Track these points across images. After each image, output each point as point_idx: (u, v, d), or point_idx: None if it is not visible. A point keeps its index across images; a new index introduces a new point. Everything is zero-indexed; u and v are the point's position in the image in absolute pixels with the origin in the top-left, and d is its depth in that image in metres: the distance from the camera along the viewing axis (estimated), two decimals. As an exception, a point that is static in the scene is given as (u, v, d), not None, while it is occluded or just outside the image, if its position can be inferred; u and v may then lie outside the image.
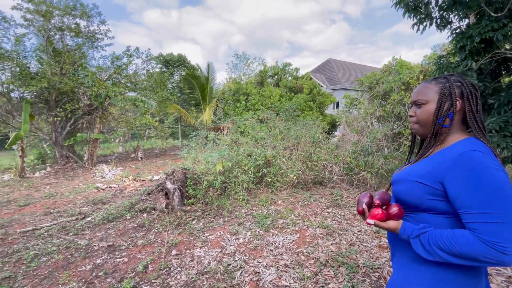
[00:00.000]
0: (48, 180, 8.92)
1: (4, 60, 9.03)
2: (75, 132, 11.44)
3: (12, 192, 7.34)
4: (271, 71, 19.50)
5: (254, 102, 15.21)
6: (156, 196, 4.93)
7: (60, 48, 10.79)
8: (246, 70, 38.84)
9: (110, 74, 11.64)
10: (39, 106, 10.65)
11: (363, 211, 1.19)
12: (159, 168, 10.49)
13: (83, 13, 10.71)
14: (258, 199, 5.47)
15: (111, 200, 5.84)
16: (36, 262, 3.13)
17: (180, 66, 18.79)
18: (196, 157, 6.76)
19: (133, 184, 7.35)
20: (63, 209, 5.30)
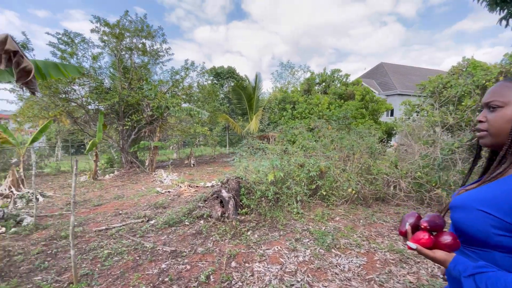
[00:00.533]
0: (116, 182, 9.98)
1: (84, 77, 10.56)
2: (139, 140, 12.68)
3: (87, 192, 8.38)
4: (319, 78, 19.00)
5: (301, 110, 14.92)
6: (212, 204, 5.04)
7: (129, 65, 12.22)
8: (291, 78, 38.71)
9: (169, 87, 12.71)
10: (110, 116, 12.11)
11: (405, 232, 0.98)
12: (210, 175, 10.89)
13: (148, 34, 11.98)
14: (313, 213, 5.18)
15: (170, 204, 6.18)
16: (109, 261, 3.40)
17: (229, 78, 19.61)
18: (247, 166, 6.79)
19: (189, 189, 7.72)
20: (130, 211, 5.78)
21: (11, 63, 2.19)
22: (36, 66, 3.17)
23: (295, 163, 6.30)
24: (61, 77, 3.41)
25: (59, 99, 10.22)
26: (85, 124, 12.09)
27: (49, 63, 3.34)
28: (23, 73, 2.21)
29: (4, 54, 2.08)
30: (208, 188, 7.97)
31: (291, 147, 7.96)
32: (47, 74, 3.26)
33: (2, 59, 2.17)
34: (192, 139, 18.97)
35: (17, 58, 2.16)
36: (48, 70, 3.28)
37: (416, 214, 1.03)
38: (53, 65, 3.35)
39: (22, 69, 2.20)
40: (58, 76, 3.39)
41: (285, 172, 5.84)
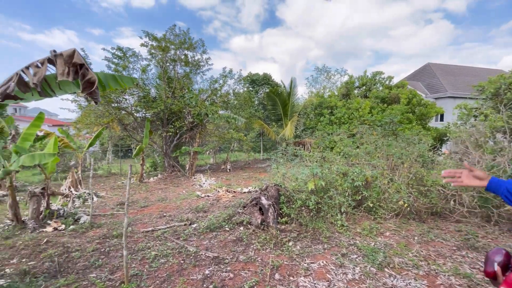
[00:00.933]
0: (159, 185, 10.57)
1: (134, 87, 11.49)
2: (180, 145, 13.33)
3: (134, 194, 8.98)
4: (358, 82, 18.14)
5: (340, 115, 14.32)
6: (251, 211, 4.99)
7: (172, 76, 13.03)
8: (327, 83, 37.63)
9: (208, 95, 13.23)
10: (156, 123, 12.97)
11: (494, 273, 0.82)
12: (246, 180, 10.94)
13: (190, 46, 12.65)
14: (359, 226, 4.81)
15: (210, 209, 6.30)
16: (156, 263, 3.51)
17: (264, 84, 19.75)
18: (285, 173, 6.63)
19: (226, 194, 7.82)
20: (173, 213, 6.02)
21: (78, 75, 2.41)
22: (98, 79, 3.49)
23: (336, 171, 5.98)
24: (118, 88, 3.70)
25: (112, 108, 11.25)
26: (133, 131, 13.13)
27: (109, 75, 3.65)
28: (88, 84, 2.41)
29: (72, 67, 2.30)
30: (246, 193, 7.98)
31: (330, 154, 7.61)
32: (106, 85, 3.57)
33: (70, 71, 2.40)
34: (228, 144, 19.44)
35: (83, 70, 2.37)
36: (107, 82, 3.59)
37: (504, 250, 0.85)
38: (111, 77, 3.66)
39: (87, 81, 2.41)
40: (116, 86, 3.68)
41: (327, 181, 5.56)
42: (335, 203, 5.06)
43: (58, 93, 3.04)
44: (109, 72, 3.58)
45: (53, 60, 2.36)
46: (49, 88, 2.79)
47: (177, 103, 11.50)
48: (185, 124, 12.06)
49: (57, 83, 2.83)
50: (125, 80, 3.76)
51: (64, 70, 2.37)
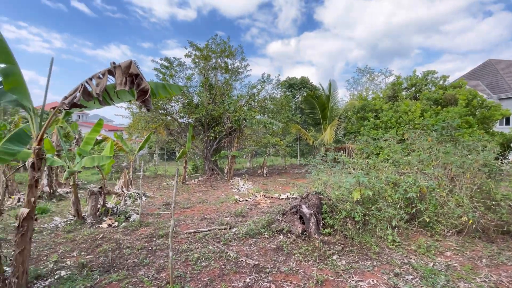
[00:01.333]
0: (200, 187, 10.99)
1: (179, 95, 12.21)
2: (219, 149, 13.74)
3: (178, 195, 9.45)
4: (407, 82, 16.70)
5: (386, 119, 13.31)
6: (291, 219, 4.83)
7: (213, 83, 13.57)
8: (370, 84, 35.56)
9: (246, 101, 13.46)
10: (197, 128, 13.59)
11: None
12: (284, 186, 10.75)
13: (230, 53, 13.05)
14: (413, 243, 4.32)
15: (248, 214, 6.29)
16: (199, 266, 3.57)
17: (302, 88, 19.41)
18: (327, 181, 6.32)
19: (264, 200, 7.75)
20: (213, 216, 6.14)
21: (133, 84, 2.58)
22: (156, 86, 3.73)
23: (386, 180, 5.49)
24: (167, 96, 3.91)
25: (159, 114, 12.11)
26: (177, 135, 13.94)
27: (159, 84, 3.88)
28: (142, 93, 2.57)
29: (128, 77, 2.47)
30: (284, 200, 7.82)
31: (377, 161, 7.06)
32: (157, 93, 3.79)
33: (127, 81, 2.57)
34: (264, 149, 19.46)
35: (138, 80, 2.54)
36: (158, 90, 3.81)
37: None
38: (162, 86, 3.89)
39: (141, 90, 2.56)
40: (165, 94, 3.90)
41: (374, 191, 5.13)
42: (384, 216, 4.63)
43: (116, 102, 3.31)
44: (159, 81, 3.77)
45: (112, 71, 2.57)
46: (108, 97, 3.05)
47: (217, 109, 11.90)
48: (224, 129, 12.40)
49: (115, 92, 3.08)
50: (173, 88, 3.96)
51: (122, 80, 2.56)
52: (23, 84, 2.63)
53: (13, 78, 2.46)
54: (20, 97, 2.67)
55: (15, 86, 2.51)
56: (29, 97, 2.73)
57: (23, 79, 2.64)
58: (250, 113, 11.64)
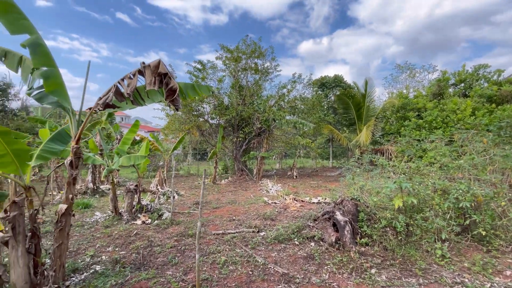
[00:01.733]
0: (229, 188, 11.06)
1: (211, 97, 12.46)
2: (248, 150, 13.74)
3: (208, 194, 9.59)
4: (454, 78, 15.07)
5: (430, 118, 12.10)
6: (323, 225, 4.52)
7: (243, 84, 13.61)
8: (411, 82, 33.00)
9: (276, 101, 13.27)
10: (228, 129, 13.75)
11: None
12: (315, 189, 10.32)
13: (260, 54, 12.97)
14: (466, 259, 3.75)
15: (277, 217, 6.08)
16: (225, 270, 3.47)
17: (335, 87, 18.61)
18: (364, 186, 5.84)
19: (294, 203, 7.47)
20: (242, 218, 6.06)
21: (162, 84, 2.56)
22: (179, 87, 3.74)
23: (433, 187, 4.90)
24: (196, 96, 3.91)
25: (192, 116, 12.47)
26: (208, 136, 14.26)
27: (188, 84, 3.90)
28: (170, 92, 2.54)
29: (157, 77, 2.45)
30: (315, 204, 7.45)
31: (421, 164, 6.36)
32: (186, 94, 3.80)
33: (156, 81, 2.57)
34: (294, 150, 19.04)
35: (166, 79, 2.51)
36: (187, 91, 3.83)
37: None
38: (191, 86, 3.89)
39: (169, 89, 2.54)
40: (194, 95, 3.90)
41: (420, 199, 4.59)
42: (432, 227, 4.10)
43: (147, 102, 3.36)
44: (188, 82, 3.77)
45: (142, 71, 2.58)
46: (139, 97, 3.10)
47: (247, 109, 11.89)
48: (253, 130, 12.34)
49: (146, 92, 3.11)
50: (202, 89, 3.94)
51: (151, 80, 2.56)
52: (62, 86, 2.77)
53: (53, 80, 2.60)
54: (61, 99, 2.81)
55: (55, 88, 2.64)
56: (68, 98, 2.87)
57: (62, 82, 2.77)
58: (280, 113, 11.41)
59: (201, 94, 3.91)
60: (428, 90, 15.29)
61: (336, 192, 7.55)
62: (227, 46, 12.46)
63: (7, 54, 3.02)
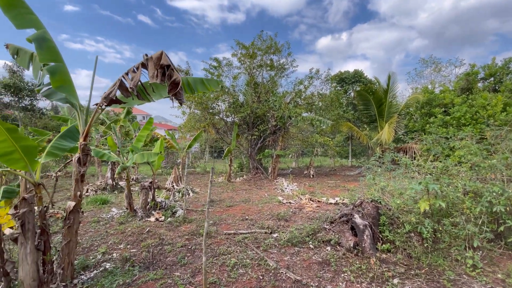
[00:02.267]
0: (244, 186, 10.95)
1: (226, 94, 12.39)
2: (263, 148, 13.54)
3: (222, 192, 9.53)
4: (484, 72, 13.89)
5: (458, 115, 11.23)
6: (340, 229, 4.25)
7: (258, 81, 13.41)
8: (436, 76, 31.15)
9: (292, 98, 12.95)
10: (242, 127, 13.64)
11: None
12: (333, 189, 9.94)
13: (276, 49, 12.69)
14: (500, 269, 3.34)
15: (291, 218, 5.86)
16: (235, 273, 3.32)
17: (355, 83, 17.87)
18: (385, 186, 5.45)
19: (310, 204, 7.20)
20: (255, 218, 5.89)
21: (165, 76, 2.43)
22: (187, 82, 3.63)
23: (463, 188, 4.45)
24: (205, 91, 3.77)
25: (207, 113, 12.47)
26: (224, 134, 14.23)
27: (197, 79, 3.77)
28: (173, 85, 2.41)
29: (159, 69, 2.33)
30: (332, 205, 7.13)
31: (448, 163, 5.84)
32: (195, 89, 3.68)
33: (158, 73, 2.44)
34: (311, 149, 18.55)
35: (169, 71, 2.38)
36: (196, 85, 3.70)
37: None
38: (199, 81, 3.76)
39: (172, 82, 2.40)
40: (203, 90, 3.77)
41: (448, 201, 4.18)
42: (462, 234, 3.69)
43: (155, 97, 3.27)
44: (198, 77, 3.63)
45: (145, 64, 2.46)
46: (145, 92, 3.00)
47: (262, 107, 11.68)
48: (268, 128, 12.12)
49: (151, 87, 3.02)
50: (211, 83, 3.79)
51: (154, 73, 2.44)
52: (70, 82, 2.73)
53: (59, 76, 2.55)
54: (68, 95, 2.78)
55: (62, 84, 2.60)
56: (75, 94, 2.83)
57: (70, 78, 2.73)
58: (295, 111, 11.09)
59: (211, 88, 3.78)
60: (455, 85, 14.24)
61: (355, 192, 7.17)
62: (242, 42, 12.31)
63: (19, 52, 3.04)
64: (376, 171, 6.16)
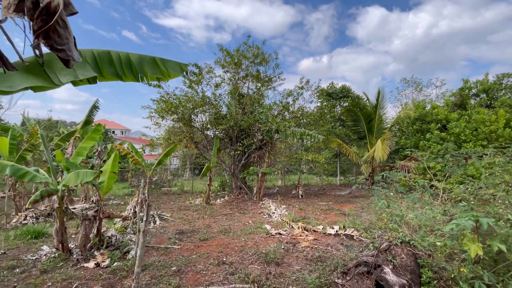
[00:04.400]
0: (225, 209, 9.36)
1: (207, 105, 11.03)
2: (248, 165, 12.13)
3: (198, 219, 7.88)
4: (476, 88, 13.67)
5: (457, 130, 10.54)
6: (359, 284, 2.88)
7: (243, 92, 12.25)
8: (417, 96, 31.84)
9: (279, 111, 11.84)
10: (225, 141, 12.23)
11: None
12: (326, 214, 8.62)
13: (263, 60, 11.68)
14: None
15: (284, 259, 4.42)
16: None
17: (343, 98, 17.28)
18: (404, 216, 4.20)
19: (305, 235, 5.80)
20: (235, 260, 4.40)
21: (32, 4, 1.08)
22: (128, 60, 2.27)
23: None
24: (159, 76, 2.43)
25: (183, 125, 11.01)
26: (203, 149, 12.70)
27: (146, 57, 2.44)
28: (42, 19, 1.06)
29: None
30: (332, 237, 5.76)
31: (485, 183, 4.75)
32: (140, 71, 2.33)
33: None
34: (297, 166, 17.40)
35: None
36: (142, 66, 2.35)
37: None
38: (149, 61, 2.43)
39: (42, 11, 1.05)
40: (155, 74, 2.43)
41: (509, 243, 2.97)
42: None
43: (55, 79, 1.86)
44: (146, 54, 2.25)
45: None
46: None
47: (247, 119, 10.43)
48: (254, 142, 10.80)
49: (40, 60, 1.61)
50: (169, 65, 2.46)
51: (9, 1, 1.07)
52: None
53: None
54: None
55: None
56: None
57: None
58: (284, 123, 9.92)
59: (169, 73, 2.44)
60: (447, 101, 13.87)
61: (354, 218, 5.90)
62: (227, 48, 11.23)
63: None
64: (388, 194, 4.95)
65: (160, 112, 10.26)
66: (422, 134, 12.74)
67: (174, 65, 2.49)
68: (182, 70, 2.57)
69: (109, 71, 2.13)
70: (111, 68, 2.15)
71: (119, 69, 2.17)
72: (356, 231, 5.67)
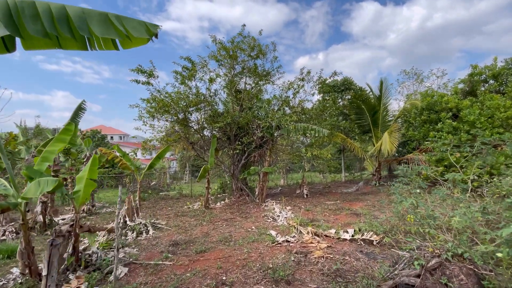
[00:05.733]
0: (225, 214, 8.63)
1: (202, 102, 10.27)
2: (248, 165, 11.38)
3: (195, 226, 7.15)
4: (487, 73, 12.93)
5: (473, 118, 9.79)
6: (401, 316, 2.14)
7: (240, 87, 11.50)
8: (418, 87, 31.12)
9: (279, 106, 11.10)
10: (222, 140, 11.48)
11: None
12: (336, 214, 7.89)
13: (260, 52, 10.91)
14: None
15: (295, 274, 3.68)
16: None
17: (345, 91, 16.52)
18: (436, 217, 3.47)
19: (316, 241, 5.06)
20: (237, 278, 3.66)
21: None
22: (64, 14, 1.54)
23: None
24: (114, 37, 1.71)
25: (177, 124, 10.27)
26: (200, 150, 11.95)
27: (93, 12, 1.72)
28: None
29: None
30: (347, 243, 5.02)
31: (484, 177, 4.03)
32: (84, 30, 1.60)
33: None
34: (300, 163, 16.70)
35: None
36: (87, 24, 1.63)
37: None
38: (98, 17, 1.70)
39: None
40: (109, 35, 1.71)
41: None
42: None
43: None
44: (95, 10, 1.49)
45: None
46: None
47: (245, 115, 9.69)
48: (253, 140, 10.06)
49: None
50: (129, 24, 1.72)
51: None
52: None
53: None
54: None
55: None
56: None
57: None
58: (285, 118, 9.18)
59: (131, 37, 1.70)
60: (455, 89, 13.14)
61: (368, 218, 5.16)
62: (221, 40, 10.47)
63: None
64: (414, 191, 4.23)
65: (150, 112, 9.50)
66: (431, 124, 12.01)
67: (136, 25, 1.76)
68: (149, 32, 1.83)
69: (31, 28, 1.40)
70: (36, 25, 1.41)
71: (49, 26, 1.43)
72: (375, 235, 4.94)
